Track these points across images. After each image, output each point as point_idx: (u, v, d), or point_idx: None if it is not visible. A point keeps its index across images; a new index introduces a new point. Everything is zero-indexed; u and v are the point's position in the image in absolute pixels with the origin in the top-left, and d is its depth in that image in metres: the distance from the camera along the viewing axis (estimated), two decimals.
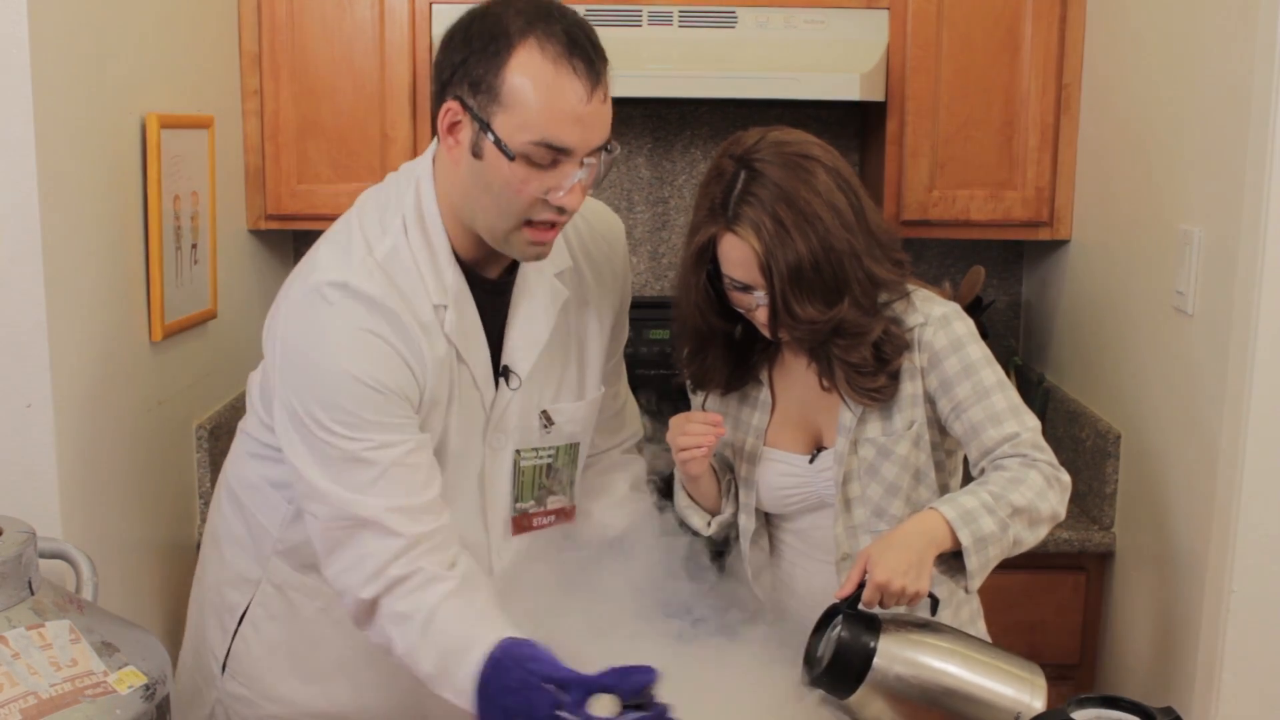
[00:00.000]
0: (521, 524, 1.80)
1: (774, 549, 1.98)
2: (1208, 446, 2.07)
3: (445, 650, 1.54)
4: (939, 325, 1.82)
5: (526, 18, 1.54)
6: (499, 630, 1.54)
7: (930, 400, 1.84)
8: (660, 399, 2.11)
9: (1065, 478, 1.80)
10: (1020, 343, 3.15)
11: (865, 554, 1.66)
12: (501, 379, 1.73)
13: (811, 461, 1.89)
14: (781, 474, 1.91)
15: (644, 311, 2.85)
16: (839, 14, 2.67)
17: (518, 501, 1.79)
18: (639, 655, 1.51)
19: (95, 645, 1.52)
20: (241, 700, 1.87)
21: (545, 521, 1.83)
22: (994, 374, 1.81)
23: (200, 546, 1.99)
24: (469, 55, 1.55)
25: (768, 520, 1.97)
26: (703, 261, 1.79)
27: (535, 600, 1.79)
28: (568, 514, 1.86)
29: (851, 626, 1.63)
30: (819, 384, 1.86)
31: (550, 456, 1.80)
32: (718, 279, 1.80)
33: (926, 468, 1.87)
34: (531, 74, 1.51)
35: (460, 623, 1.56)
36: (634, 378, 2.09)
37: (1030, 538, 1.75)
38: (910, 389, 1.83)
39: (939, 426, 1.86)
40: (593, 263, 1.84)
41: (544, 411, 1.78)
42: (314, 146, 2.71)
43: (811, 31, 2.67)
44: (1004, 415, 1.79)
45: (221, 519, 1.89)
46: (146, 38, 2.20)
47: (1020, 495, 1.72)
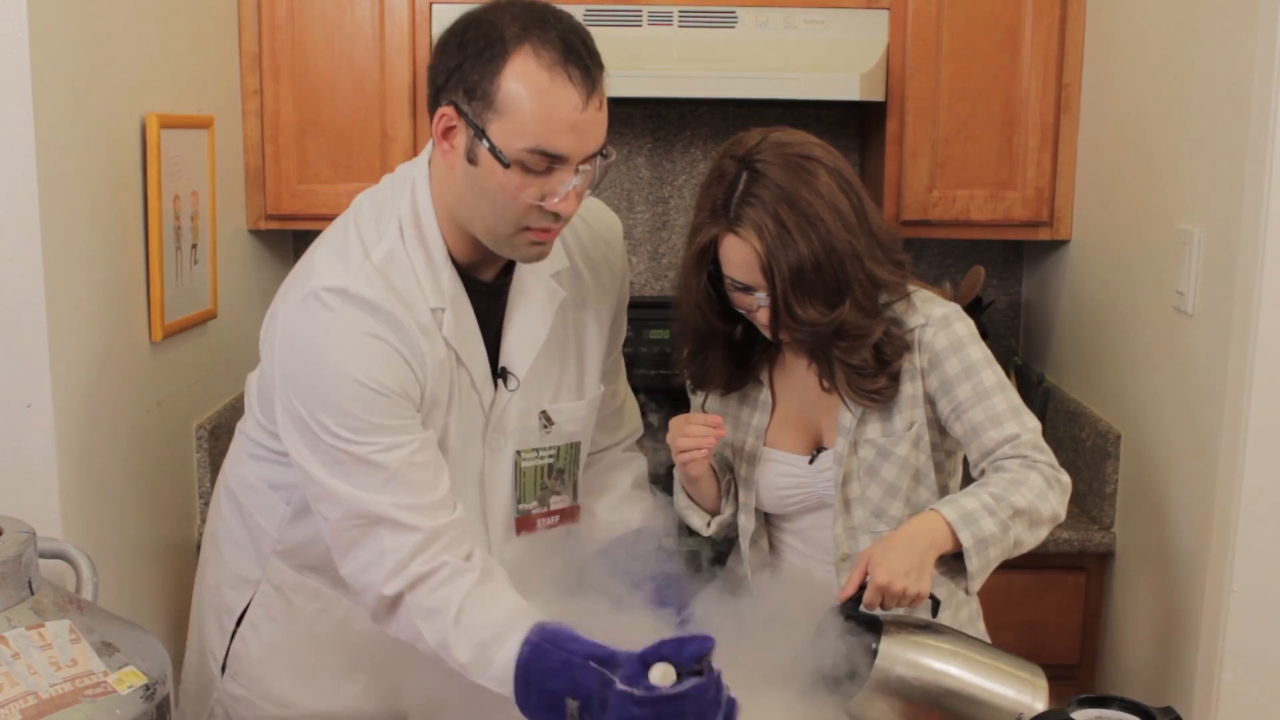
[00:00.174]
0: (525, 524, 1.80)
1: (773, 549, 1.98)
2: (1208, 446, 2.07)
3: (481, 640, 1.55)
4: (939, 326, 1.82)
5: (522, 24, 1.53)
6: (531, 616, 1.56)
7: (930, 401, 1.84)
8: (660, 399, 2.11)
9: (1065, 479, 1.79)
10: (1020, 343, 3.15)
11: (866, 556, 1.66)
12: (500, 380, 1.73)
13: (811, 462, 1.89)
14: (781, 474, 1.91)
15: (644, 311, 2.86)
16: (839, 14, 2.67)
17: (520, 502, 1.79)
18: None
19: (95, 645, 1.51)
20: (241, 701, 1.87)
21: (550, 522, 1.83)
22: (994, 375, 1.81)
23: (200, 547, 1.99)
24: (464, 61, 1.54)
25: (767, 520, 1.97)
26: (704, 262, 1.79)
27: (537, 600, 1.80)
28: (572, 514, 1.86)
29: (853, 628, 1.63)
30: (819, 384, 1.86)
31: (551, 457, 1.80)
32: (719, 280, 1.80)
33: (926, 468, 1.86)
34: (527, 81, 1.51)
35: (491, 613, 1.57)
36: (634, 378, 2.09)
37: (1031, 539, 1.75)
38: (910, 390, 1.83)
39: (939, 427, 1.86)
40: (590, 262, 1.84)
41: (543, 412, 1.78)
42: (314, 146, 2.70)
43: (811, 31, 2.67)
44: (1004, 416, 1.79)
45: (220, 520, 1.90)
46: (146, 38, 2.20)
47: (1021, 497, 1.72)
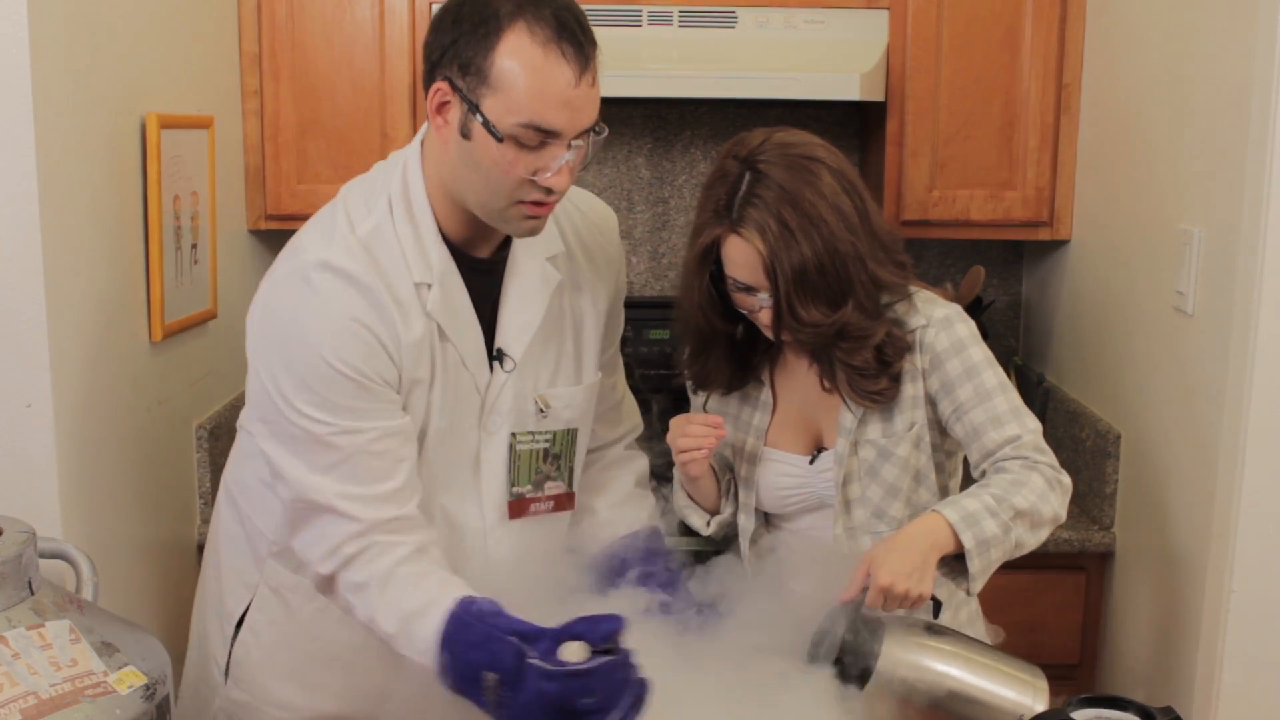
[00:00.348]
0: (518, 509, 1.80)
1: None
2: (1208, 446, 2.07)
3: (406, 612, 1.57)
4: (941, 327, 1.82)
5: (516, 1, 1.55)
6: (457, 590, 1.57)
7: (931, 402, 1.84)
8: (660, 399, 2.11)
9: (1066, 480, 1.80)
10: (1020, 343, 3.15)
11: (868, 557, 1.66)
12: (495, 362, 1.73)
13: (812, 462, 1.89)
14: (782, 474, 1.90)
15: (644, 311, 2.86)
16: (839, 14, 2.66)
17: (514, 486, 1.79)
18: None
19: (95, 645, 1.51)
20: (244, 706, 1.86)
21: (543, 507, 1.82)
22: (995, 376, 1.81)
23: (201, 546, 1.99)
24: (458, 37, 1.56)
25: (767, 520, 1.97)
26: (706, 263, 1.79)
27: (532, 591, 1.79)
28: (566, 501, 1.85)
29: (855, 629, 1.62)
30: (820, 385, 1.86)
31: (547, 441, 1.80)
32: (720, 280, 1.80)
33: (927, 469, 1.86)
34: (520, 57, 1.53)
35: (418, 585, 1.59)
36: (634, 378, 2.09)
37: (1032, 540, 1.75)
38: (911, 390, 1.83)
39: (939, 428, 1.86)
40: (586, 249, 1.84)
41: (540, 396, 1.78)
42: (314, 146, 2.70)
43: (811, 31, 2.67)
44: (1005, 417, 1.79)
45: (221, 522, 1.89)
46: (146, 38, 2.20)
47: (1022, 498, 1.72)
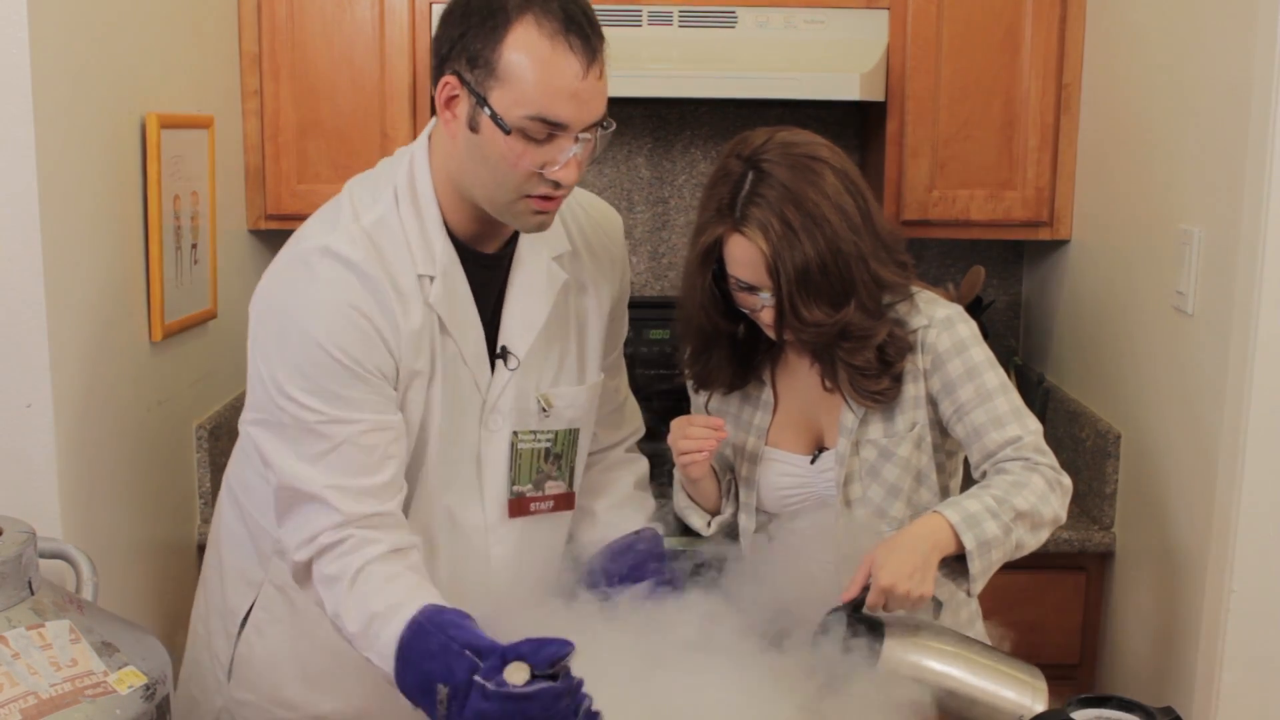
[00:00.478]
0: (518, 507, 1.79)
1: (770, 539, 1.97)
2: (1208, 446, 2.07)
3: (371, 613, 1.56)
4: (942, 327, 1.82)
5: None
6: (425, 597, 1.56)
7: (932, 402, 1.84)
8: (660, 399, 2.11)
9: (1067, 481, 1.79)
10: (1020, 343, 3.15)
11: (870, 557, 1.66)
12: (499, 360, 1.73)
13: (813, 462, 1.89)
14: (782, 474, 1.90)
15: (644, 311, 2.85)
16: (839, 14, 2.67)
17: (515, 485, 1.79)
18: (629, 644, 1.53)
19: (95, 645, 1.51)
20: (248, 706, 1.85)
21: (543, 506, 1.82)
22: (997, 376, 1.81)
23: (201, 546, 1.98)
24: (467, 30, 1.56)
25: (768, 520, 1.97)
26: (708, 262, 1.78)
27: (531, 591, 1.79)
28: (566, 500, 1.85)
29: (856, 630, 1.62)
30: (821, 384, 1.86)
31: (549, 440, 1.79)
32: (722, 279, 1.79)
33: (928, 469, 1.86)
34: (528, 50, 1.53)
35: (386, 587, 1.58)
36: (634, 378, 2.09)
37: (1032, 541, 1.75)
38: (913, 391, 1.83)
39: (940, 428, 1.86)
40: (591, 250, 1.84)
41: (543, 395, 1.78)
42: (314, 146, 2.70)
43: (811, 31, 2.67)
44: (1006, 418, 1.79)
45: (223, 520, 1.89)
46: (146, 38, 2.20)
47: (1023, 499, 1.72)
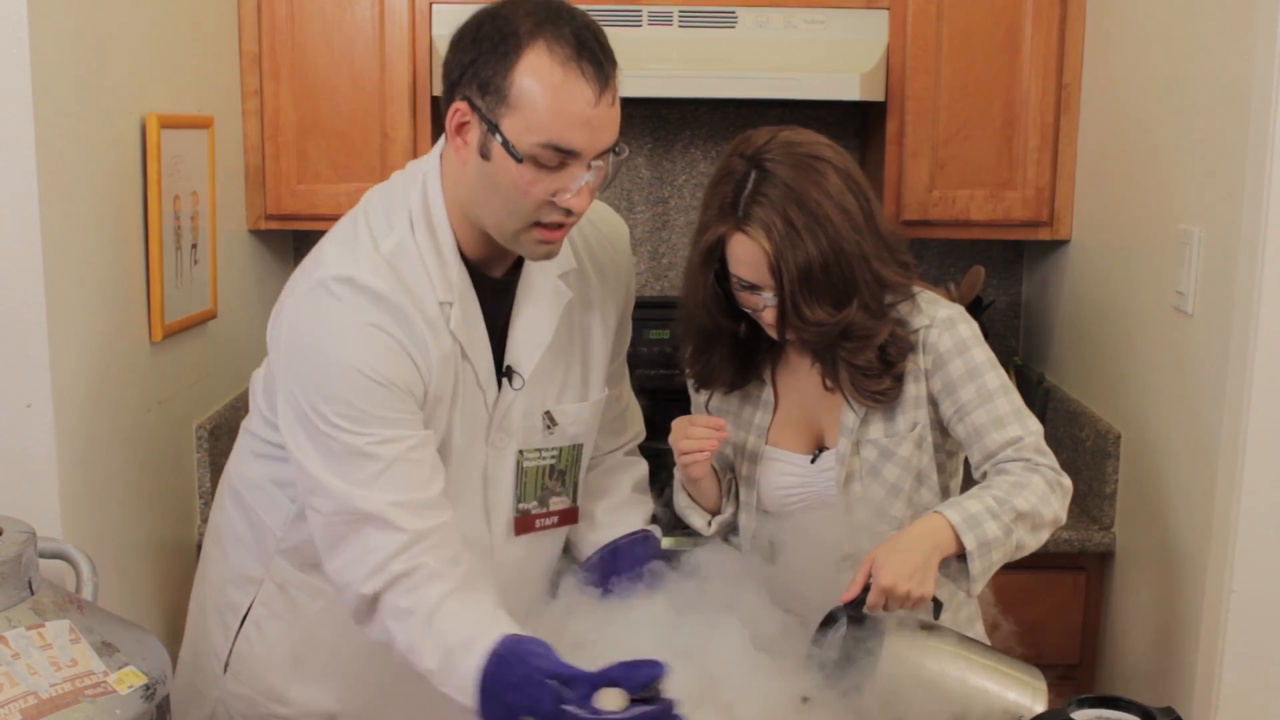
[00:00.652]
0: (524, 524, 1.80)
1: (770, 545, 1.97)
2: (1208, 446, 2.07)
3: (448, 647, 1.54)
4: (944, 327, 1.82)
5: (536, 20, 1.54)
6: (502, 627, 1.54)
7: (933, 402, 1.84)
8: (660, 399, 2.11)
9: (1067, 482, 1.80)
10: (1020, 343, 3.15)
11: (870, 557, 1.66)
12: (505, 379, 1.73)
13: (813, 461, 1.89)
14: (783, 473, 1.90)
15: (644, 311, 2.83)
16: (839, 14, 2.66)
17: (520, 502, 1.79)
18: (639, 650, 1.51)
19: (95, 645, 1.51)
20: (243, 700, 1.87)
21: (548, 522, 1.83)
22: (998, 377, 1.81)
23: (201, 546, 1.98)
24: (478, 56, 1.55)
25: (769, 520, 1.97)
26: (711, 260, 1.78)
27: (536, 597, 1.80)
28: (571, 515, 1.86)
29: (856, 630, 1.62)
30: (822, 384, 1.86)
31: (553, 457, 1.80)
32: (724, 278, 1.79)
33: (929, 469, 1.86)
34: (540, 76, 1.52)
35: (463, 619, 1.56)
36: (634, 378, 2.09)
37: (1033, 542, 1.75)
38: (914, 391, 1.83)
39: (941, 428, 1.86)
40: (597, 264, 1.84)
41: (547, 412, 1.78)
42: (314, 146, 2.70)
43: (811, 31, 2.67)
44: (1007, 419, 1.79)
45: (225, 517, 1.89)
46: (146, 38, 2.20)
47: (1024, 500, 1.72)
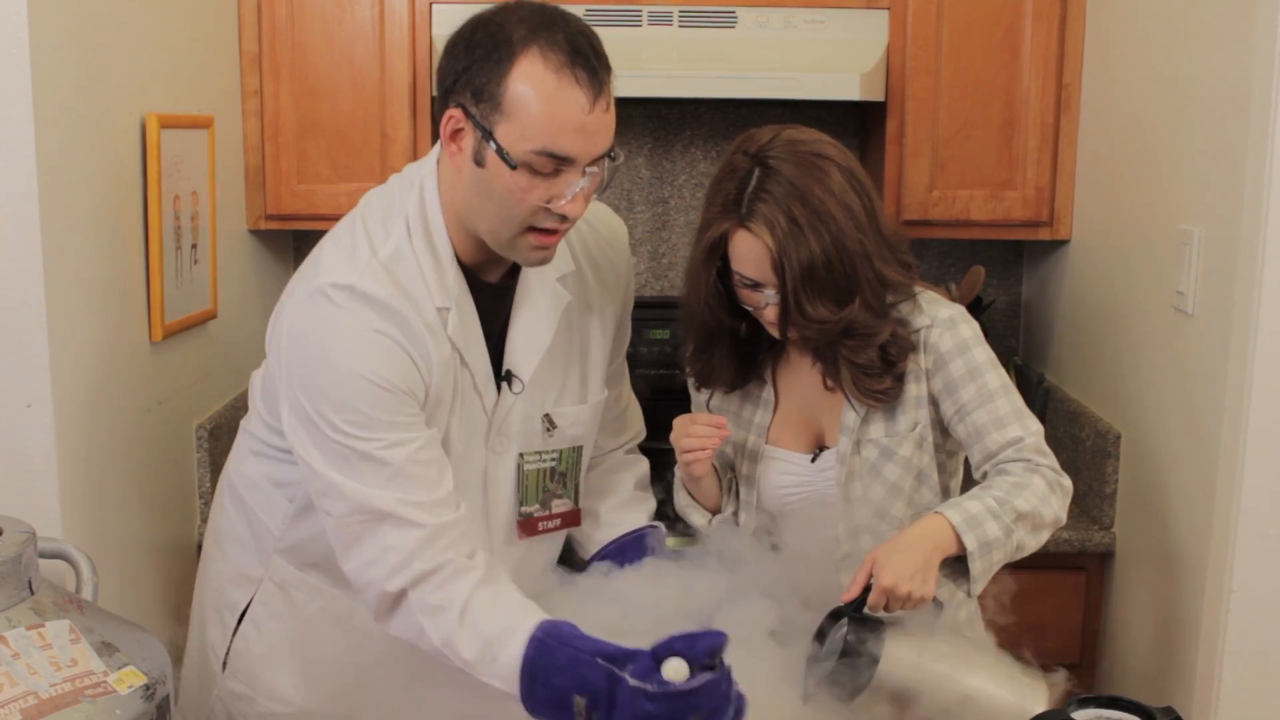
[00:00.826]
0: (527, 528, 1.81)
1: (774, 548, 1.97)
2: (1208, 446, 2.07)
3: (486, 637, 1.55)
4: (945, 327, 1.82)
5: (529, 26, 1.53)
6: (536, 614, 1.56)
7: (934, 402, 1.84)
8: (660, 399, 2.10)
9: (1067, 483, 1.80)
10: (1020, 343, 3.15)
11: (871, 557, 1.66)
12: (504, 383, 1.73)
13: (814, 461, 1.89)
14: (783, 472, 1.91)
15: (644, 311, 2.83)
16: (839, 14, 2.66)
17: (522, 505, 1.79)
18: None
19: (95, 645, 1.51)
20: (241, 698, 1.87)
21: (551, 525, 1.83)
22: (999, 377, 1.81)
23: (202, 545, 1.99)
24: (472, 63, 1.55)
25: (769, 519, 1.97)
26: (714, 257, 1.78)
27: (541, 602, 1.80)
28: (573, 517, 1.86)
29: (857, 630, 1.62)
30: (822, 383, 1.86)
31: (554, 460, 1.80)
32: (726, 275, 1.80)
33: (929, 469, 1.86)
34: (534, 83, 1.51)
35: (496, 610, 1.57)
36: (634, 378, 2.09)
37: (1033, 543, 1.75)
38: (915, 390, 1.83)
39: (941, 428, 1.86)
40: (595, 266, 1.84)
41: (546, 415, 1.78)
42: (314, 146, 2.70)
43: (811, 31, 2.67)
44: (1008, 419, 1.79)
45: (224, 517, 1.89)
46: (146, 38, 2.20)
47: (1024, 501, 1.72)
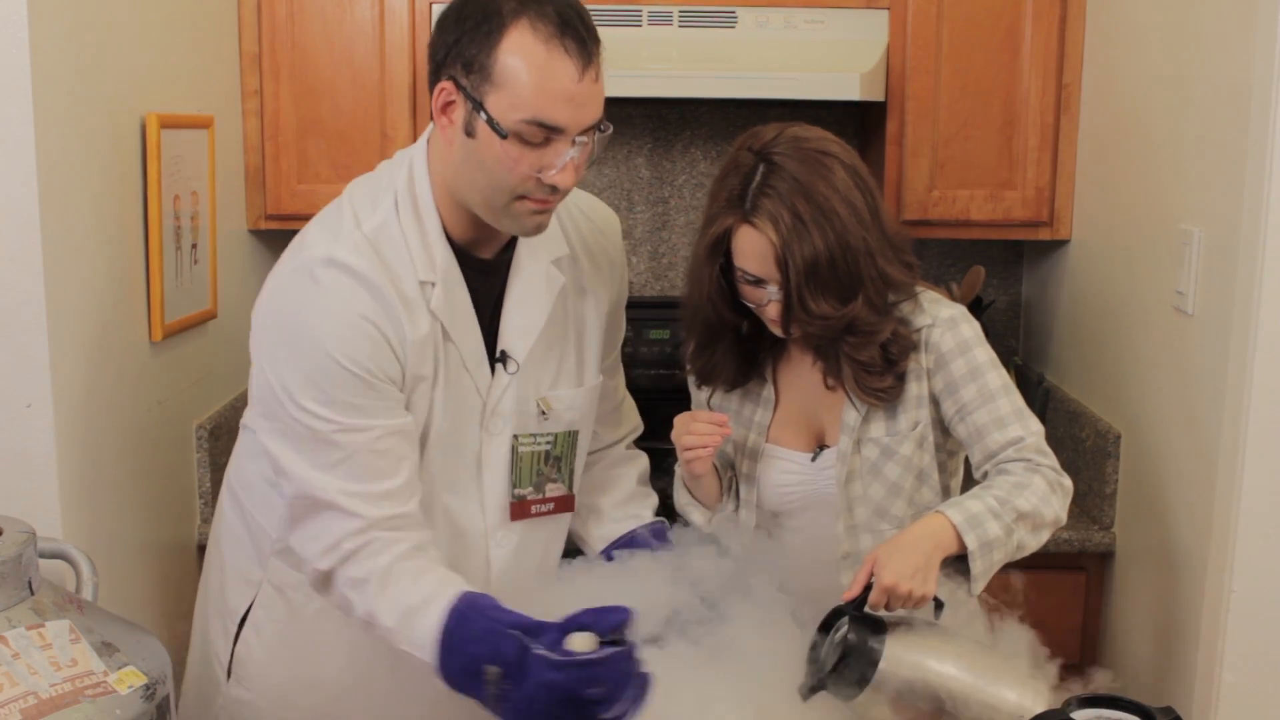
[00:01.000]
0: (519, 510, 1.80)
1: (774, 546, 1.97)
2: (1208, 446, 2.07)
3: (406, 606, 1.57)
4: (946, 327, 1.82)
5: None
6: (458, 586, 1.57)
7: (935, 401, 1.84)
8: (660, 399, 2.10)
9: (1068, 483, 1.80)
10: (1020, 343, 3.15)
11: (872, 557, 1.66)
12: (499, 364, 1.73)
13: (814, 459, 1.89)
14: (783, 471, 1.91)
15: (644, 311, 2.86)
16: (839, 14, 2.67)
17: (516, 488, 1.79)
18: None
19: (95, 645, 1.51)
20: (246, 705, 1.86)
21: (544, 509, 1.83)
22: (1000, 377, 1.81)
23: (201, 545, 1.98)
24: (462, 35, 1.56)
25: (769, 518, 1.97)
26: (717, 253, 1.79)
27: (534, 591, 1.79)
28: (566, 503, 1.86)
29: (858, 629, 1.62)
30: (823, 382, 1.87)
31: (549, 443, 1.80)
32: (729, 272, 1.80)
33: (930, 468, 1.86)
34: (523, 54, 1.53)
35: (418, 580, 1.59)
36: (634, 377, 2.09)
37: (1033, 542, 1.75)
38: (916, 390, 1.83)
39: (942, 427, 1.86)
40: (589, 252, 1.85)
41: (542, 398, 1.78)
42: (314, 146, 2.70)
43: (811, 31, 2.67)
44: (1009, 419, 1.79)
45: (223, 520, 1.89)
46: (146, 38, 2.20)
47: (1025, 500, 1.72)
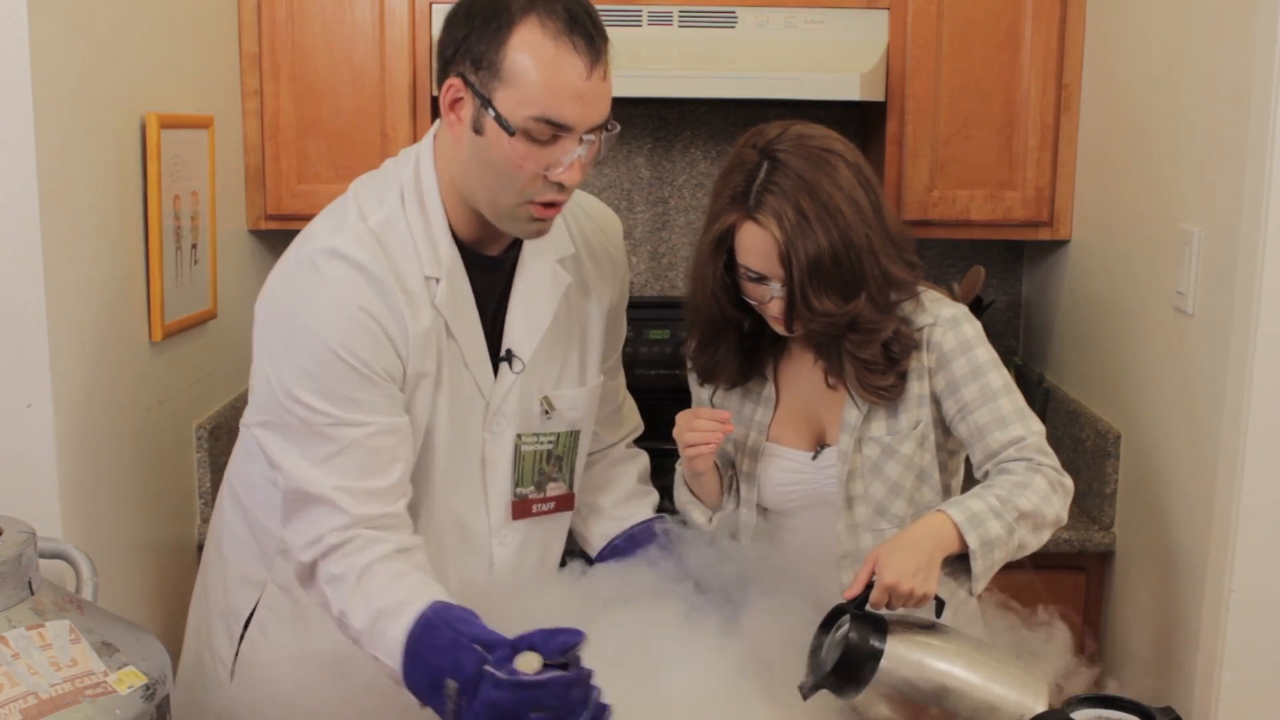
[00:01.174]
0: (521, 509, 1.80)
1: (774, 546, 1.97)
2: (1208, 446, 2.07)
3: (377, 610, 1.56)
4: (948, 326, 1.82)
5: None
6: (432, 593, 1.56)
7: (936, 401, 1.84)
8: (661, 398, 2.10)
9: (1068, 482, 1.80)
10: (1020, 343, 3.15)
11: (874, 555, 1.66)
12: (504, 362, 1.73)
13: (814, 458, 1.89)
14: (784, 470, 1.91)
15: (644, 311, 2.85)
16: (839, 14, 2.67)
17: (518, 486, 1.79)
18: (641, 647, 1.53)
19: (95, 645, 1.51)
20: (251, 707, 1.84)
21: (545, 508, 1.83)
22: (1001, 377, 1.81)
23: (201, 545, 1.98)
24: (470, 32, 1.57)
25: (769, 516, 1.97)
26: (720, 250, 1.79)
27: (536, 591, 1.79)
28: (566, 502, 1.86)
29: (859, 627, 1.62)
30: (824, 381, 1.87)
31: (551, 443, 1.80)
32: (732, 269, 1.80)
33: (931, 468, 1.87)
34: (532, 51, 1.53)
35: (393, 584, 1.58)
36: (634, 377, 2.09)
37: (1034, 542, 1.76)
38: (917, 389, 1.83)
39: (943, 427, 1.86)
40: (592, 252, 1.85)
41: (545, 397, 1.78)
42: (314, 146, 2.70)
43: (811, 31, 2.67)
44: (1010, 419, 1.79)
45: (224, 521, 1.89)
46: (146, 38, 2.20)
47: (1026, 500, 1.72)
